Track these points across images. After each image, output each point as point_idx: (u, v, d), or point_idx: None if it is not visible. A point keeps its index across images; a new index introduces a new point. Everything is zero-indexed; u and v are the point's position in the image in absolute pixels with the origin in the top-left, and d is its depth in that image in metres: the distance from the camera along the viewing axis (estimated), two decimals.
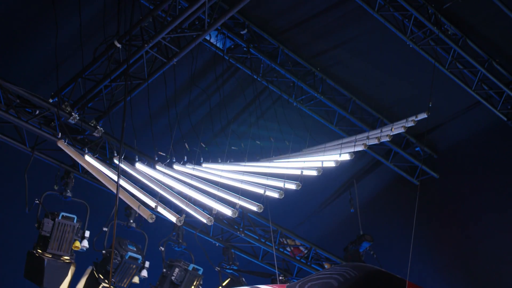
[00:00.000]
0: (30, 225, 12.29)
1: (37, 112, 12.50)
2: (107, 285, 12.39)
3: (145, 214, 11.17)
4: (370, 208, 18.34)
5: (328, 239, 18.23)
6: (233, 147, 14.85)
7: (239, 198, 11.81)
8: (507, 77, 16.39)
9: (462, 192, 18.24)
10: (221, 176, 12.82)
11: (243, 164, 13.66)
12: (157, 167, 13.41)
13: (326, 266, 16.98)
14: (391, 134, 14.99)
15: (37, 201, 12.22)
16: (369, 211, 18.12)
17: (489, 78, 16.17)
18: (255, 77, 15.60)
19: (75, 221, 12.30)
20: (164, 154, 13.82)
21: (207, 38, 14.65)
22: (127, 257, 12.69)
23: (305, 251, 16.96)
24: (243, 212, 15.39)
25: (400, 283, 9.74)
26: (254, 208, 11.70)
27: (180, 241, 14.16)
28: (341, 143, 14.47)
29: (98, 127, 13.01)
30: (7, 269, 14.78)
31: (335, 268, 10.45)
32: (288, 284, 9.47)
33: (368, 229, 17.27)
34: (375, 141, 14.92)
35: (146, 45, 12.26)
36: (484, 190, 17.89)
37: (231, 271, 15.27)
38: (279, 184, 11.85)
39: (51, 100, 12.57)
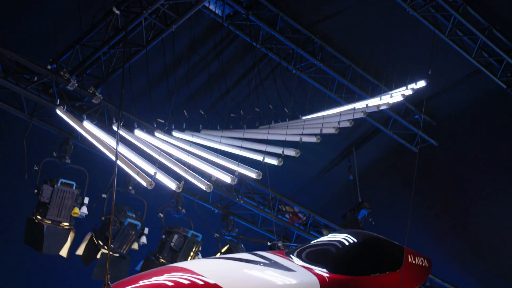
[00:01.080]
0: (29, 192, 12.31)
1: (36, 78, 12.46)
2: (107, 251, 12.43)
3: (144, 180, 11.20)
4: (368, 176, 18.36)
5: (327, 206, 18.28)
6: (232, 114, 14.83)
7: (238, 165, 11.83)
8: (507, 45, 16.33)
9: (461, 159, 18.26)
10: (220, 143, 12.83)
11: (242, 131, 13.66)
12: (156, 134, 13.40)
13: (325, 233, 17.03)
14: (391, 101, 14.98)
15: (36, 168, 12.22)
16: (367, 179, 18.14)
17: (489, 46, 16.12)
18: (254, 44, 15.53)
19: (74, 187, 12.31)
20: (163, 121, 13.80)
21: (206, 4, 14.56)
22: (126, 224, 12.73)
23: (304, 218, 17.01)
24: (242, 179, 15.40)
25: (398, 250, 9.77)
26: (253, 175, 11.72)
27: (179, 208, 14.18)
28: (340, 111, 14.47)
29: (96, 94, 12.97)
30: (7, 235, 14.83)
31: (334, 235, 10.46)
32: (287, 250, 9.49)
33: (367, 196, 17.29)
34: (374, 109, 14.93)
35: (144, 12, 12.19)
36: (483, 158, 17.91)
37: (230, 237, 15.31)
38: (278, 151, 11.86)
39: (49, 67, 12.52)
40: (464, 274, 19.66)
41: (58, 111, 12.53)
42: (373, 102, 15.21)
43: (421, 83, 15.54)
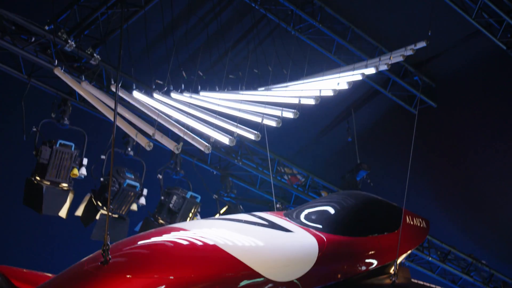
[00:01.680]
0: (28, 153, 12.31)
1: (33, 39, 12.39)
2: (106, 212, 12.47)
3: (143, 142, 11.16)
4: (367, 137, 18.36)
5: (326, 167, 18.31)
6: (230, 76, 14.77)
7: (236, 127, 11.79)
8: (508, 5, 16.19)
9: (460, 121, 18.25)
10: (218, 105, 12.78)
11: (241, 92, 13.61)
12: (155, 95, 13.35)
13: (323, 194, 17.09)
14: (390, 63, 14.90)
15: (35, 129, 12.20)
16: (366, 140, 18.14)
17: (489, 6, 15.98)
18: (253, 5, 15.41)
19: (72, 148, 12.30)
20: (161, 83, 13.75)
21: None
22: (125, 185, 12.74)
23: (303, 180, 17.05)
24: (240, 141, 15.41)
25: (396, 211, 9.81)
26: (252, 137, 11.69)
27: (178, 169, 14.20)
28: (339, 72, 14.40)
29: (94, 55, 12.91)
30: (6, 196, 14.87)
31: (332, 196, 10.51)
32: (285, 211, 9.52)
33: (365, 158, 17.32)
34: (373, 70, 14.83)
35: None
36: (482, 119, 17.90)
37: (229, 199, 15.37)
38: (277, 112, 11.81)
39: (46, 28, 12.44)
40: (461, 234, 19.77)
41: (56, 72, 12.47)
42: (372, 63, 15.13)
43: (421, 44, 15.43)
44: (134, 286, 6.56)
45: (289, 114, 11.70)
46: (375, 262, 9.16)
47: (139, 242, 7.25)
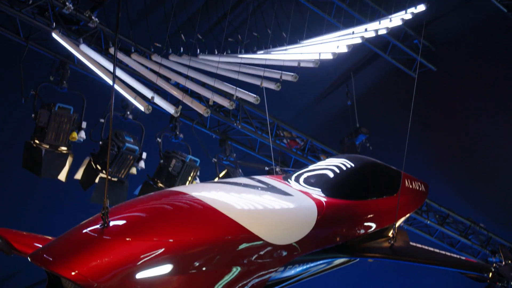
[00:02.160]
0: (27, 116, 12.28)
1: (31, 1, 12.31)
2: (105, 176, 12.48)
3: (142, 105, 11.16)
4: (366, 101, 18.34)
5: (325, 131, 18.31)
6: (229, 39, 14.70)
7: (235, 90, 11.76)
8: None
9: (460, 84, 18.21)
10: (217, 68, 12.73)
11: (240, 56, 13.55)
12: (153, 58, 13.30)
13: (322, 158, 17.09)
14: (390, 26, 14.83)
15: (33, 92, 12.17)
16: (365, 104, 18.12)
17: None
18: None
19: (71, 112, 12.29)
20: (160, 46, 13.69)
21: None
22: (124, 148, 12.74)
23: (302, 143, 17.05)
24: (239, 104, 15.38)
25: (395, 174, 9.82)
26: (251, 100, 11.67)
27: (177, 132, 14.19)
28: (339, 35, 14.33)
29: (92, 17, 12.82)
30: (5, 159, 14.88)
31: (331, 160, 10.49)
32: (284, 175, 9.53)
33: (365, 121, 17.31)
34: (373, 34, 14.77)
35: None
36: (482, 82, 17.86)
37: (228, 162, 15.38)
38: (276, 76, 11.77)
39: None
40: (460, 198, 19.84)
41: (54, 35, 12.41)
42: (372, 26, 15.06)
43: (421, 7, 15.35)
44: (134, 249, 6.58)
45: (288, 78, 11.66)
46: (373, 225, 9.18)
47: (139, 206, 7.26)
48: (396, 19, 15.24)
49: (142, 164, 13.15)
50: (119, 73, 11.89)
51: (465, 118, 18.42)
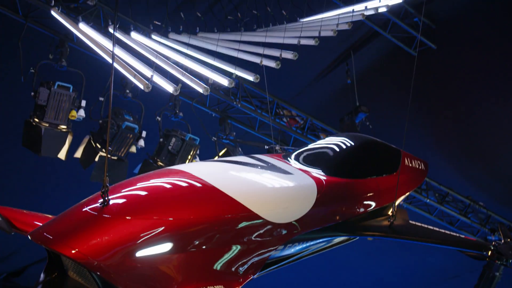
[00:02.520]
0: (26, 94, 12.27)
1: None
2: (105, 154, 12.49)
3: (141, 83, 11.15)
4: (366, 79, 18.29)
5: (325, 110, 18.29)
6: (229, 17, 14.64)
7: (235, 68, 11.74)
8: None
9: (460, 62, 18.15)
10: (217, 46, 12.71)
11: (240, 34, 13.51)
12: (153, 36, 13.27)
13: (322, 136, 17.09)
14: (390, 3, 14.78)
15: (32, 70, 12.14)
16: (365, 82, 18.07)
17: None
18: None
19: (71, 90, 12.27)
20: (159, 24, 13.64)
21: None
22: (124, 127, 12.74)
23: (301, 122, 17.04)
24: (239, 83, 15.35)
25: (395, 153, 9.81)
26: (251, 78, 11.66)
27: (177, 111, 14.17)
28: (339, 13, 14.28)
29: None
30: (5, 138, 14.88)
31: (331, 138, 10.48)
32: (284, 154, 9.52)
33: (365, 100, 17.27)
34: (373, 11, 14.73)
35: None
36: (482, 61, 17.79)
37: (228, 141, 15.37)
38: (276, 54, 11.76)
39: None
40: (459, 176, 19.86)
41: (53, 13, 12.37)
42: (372, 4, 15.00)
43: None
44: (134, 228, 6.60)
45: (288, 56, 11.65)
46: (373, 204, 9.19)
47: (138, 184, 7.26)
48: None
49: (141, 142, 13.15)
50: (119, 51, 11.87)
51: (466, 97, 18.38)
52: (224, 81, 11.92)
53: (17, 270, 19.20)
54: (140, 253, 6.53)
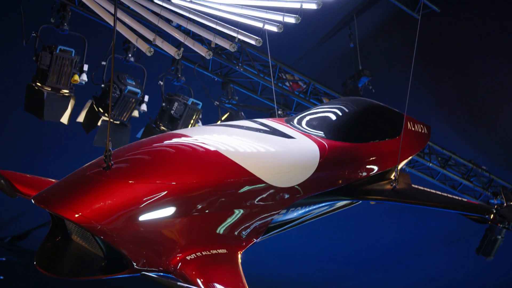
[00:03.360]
0: (28, 59, 12.22)
1: None
2: (107, 119, 12.48)
3: (143, 47, 11.11)
4: (369, 43, 18.21)
5: (327, 74, 18.22)
6: None
7: (237, 32, 11.68)
8: None
9: (464, 25, 18.03)
10: (219, 10, 12.61)
11: None
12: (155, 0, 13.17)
13: (325, 101, 17.06)
14: None
15: (34, 34, 12.09)
16: (368, 46, 18.00)
17: None
18: None
19: (73, 54, 12.22)
20: None
21: None
22: (126, 91, 12.72)
23: (304, 86, 16.99)
24: (242, 46, 15.28)
25: (398, 117, 9.79)
26: (253, 42, 11.60)
27: (179, 75, 14.14)
28: None
29: None
30: (8, 102, 14.87)
31: (334, 102, 10.46)
32: (287, 118, 9.51)
33: (367, 64, 17.21)
34: None
35: None
36: (486, 24, 17.67)
37: (230, 105, 15.35)
38: (278, 17, 11.67)
39: None
40: (462, 141, 19.85)
41: None
42: None
43: None
44: (137, 192, 6.62)
45: (290, 19, 11.57)
46: (376, 168, 9.20)
47: (141, 148, 7.28)
48: None
49: (144, 107, 13.14)
50: (120, 14, 11.79)
51: (469, 60, 18.30)
52: (226, 45, 11.86)
53: (21, 233, 19.32)
54: (143, 217, 6.57)
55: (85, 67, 12.41)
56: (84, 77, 12.39)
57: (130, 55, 13.24)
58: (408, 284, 23.74)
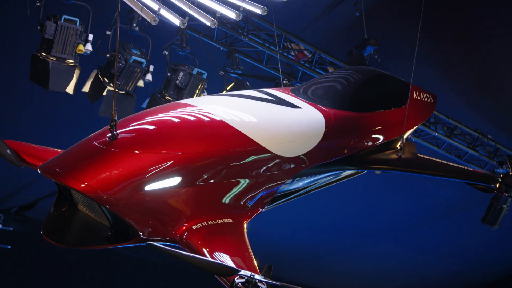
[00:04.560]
0: (32, 28, 12.18)
1: None
2: (112, 88, 12.47)
3: (148, 16, 11.05)
4: (375, 12, 18.06)
5: (333, 43, 18.11)
6: None
7: (243, 1, 11.62)
8: None
9: None
10: None
11: None
12: None
13: (330, 70, 17.00)
14: None
15: (38, 4, 12.03)
16: (374, 15, 17.86)
17: None
18: None
19: (78, 24, 12.18)
20: None
21: None
22: (131, 61, 12.69)
23: (309, 56, 16.92)
24: (247, 16, 15.20)
25: (403, 86, 9.77)
26: (258, 11, 11.55)
27: (184, 45, 14.09)
28: None
29: None
30: (13, 72, 14.85)
31: (339, 72, 10.44)
32: (292, 87, 9.49)
33: (373, 33, 17.10)
34: None
35: None
36: None
37: (235, 75, 15.31)
38: None
39: None
40: (468, 109, 19.78)
41: None
42: None
43: None
44: (142, 161, 6.63)
45: None
46: (381, 137, 9.20)
47: (147, 118, 7.28)
48: None
49: (149, 77, 13.11)
50: None
51: (476, 28, 18.16)
52: (231, 14, 11.81)
53: (27, 203, 19.42)
54: (149, 187, 6.59)
55: (90, 37, 12.36)
56: (89, 47, 12.35)
57: (135, 25, 13.18)
58: (415, 253, 23.84)
